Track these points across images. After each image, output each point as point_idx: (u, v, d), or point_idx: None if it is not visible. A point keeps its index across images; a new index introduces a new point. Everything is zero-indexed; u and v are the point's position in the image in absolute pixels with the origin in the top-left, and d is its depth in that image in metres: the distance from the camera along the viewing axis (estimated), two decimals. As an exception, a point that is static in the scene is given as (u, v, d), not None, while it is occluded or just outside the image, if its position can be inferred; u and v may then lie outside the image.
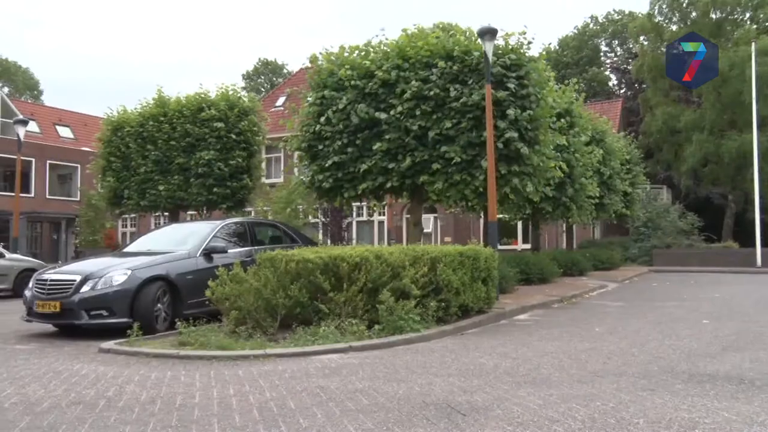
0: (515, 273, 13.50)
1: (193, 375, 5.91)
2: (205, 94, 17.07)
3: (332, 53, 13.23)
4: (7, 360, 6.93)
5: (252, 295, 7.74)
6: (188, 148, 16.58)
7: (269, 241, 11.46)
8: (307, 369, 6.09)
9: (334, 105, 12.77)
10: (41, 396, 5.16)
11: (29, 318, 8.93)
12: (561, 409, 4.55)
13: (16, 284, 15.38)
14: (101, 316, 8.39)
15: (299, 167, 14.66)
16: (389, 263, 8.03)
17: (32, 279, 9.26)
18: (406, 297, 7.92)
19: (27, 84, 65.95)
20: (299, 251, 8.38)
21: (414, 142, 12.09)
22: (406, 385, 5.34)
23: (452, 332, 8.31)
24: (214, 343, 7.13)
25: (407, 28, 12.69)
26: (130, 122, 17.51)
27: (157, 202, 17.09)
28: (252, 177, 16.95)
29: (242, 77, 67.36)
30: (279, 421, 4.33)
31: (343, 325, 7.52)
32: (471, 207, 13.27)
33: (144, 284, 8.56)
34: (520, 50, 12.12)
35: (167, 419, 4.43)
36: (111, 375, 5.95)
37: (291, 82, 35.84)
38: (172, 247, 9.83)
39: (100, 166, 18.26)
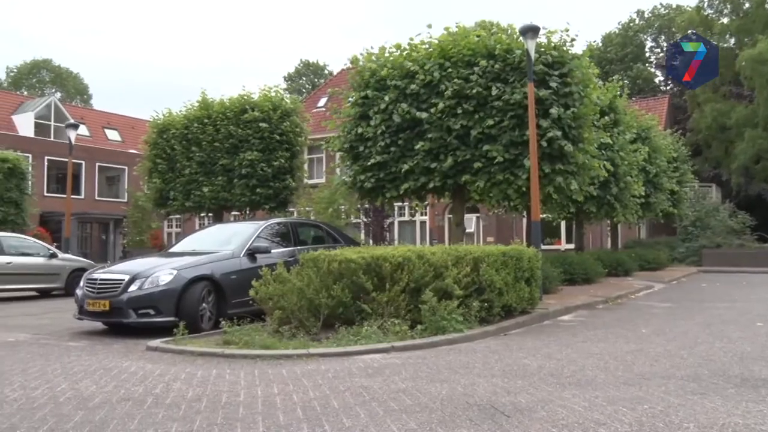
0: (559, 273, 13.33)
1: (237, 374, 5.98)
2: (248, 96, 17.24)
3: (373, 53, 13.25)
4: (60, 356, 7.13)
5: (295, 294, 7.80)
6: (232, 149, 16.78)
7: (312, 241, 11.54)
8: (350, 369, 6.11)
9: (375, 105, 12.78)
10: (93, 392, 5.29)
11: (80, 316, 9.17)
12: (607, 411, 4.47)
13: (68, 283, 15.82)
14: (148, 315, 8.57)
15: (341, 167, 14.72)
16: (432, 263, 8.01)
17: (83, 278, 9.50)
18: (449, 297, 7.89)
19: (77, 89, 67.81)
20: (342, 251, 8.42)
21: (456, 142, 12.02)
22: (449, 386, 5.31)
23: (495, 333, 8.24)
24: (258, 342, 7.21)
25: (449, 27, 12.64)
26: (175, 124, 17.81)
27: (202, 203, 17.36)
28: (295, 177, 17.07)
29: (284, 79, 68.06)
30: (323, 420, 4.36)
31: (385, 325, 7.52)
32: (514, 207, 13.15)
33: (189, 284, 8.70)
34: (563, 48, 11.95)
35: (213, 417, 4.49)
36: (158, 373, 6.07)
37: (332, 82, 36.04)
38: (216, 248, 9.98)
39: (146, 168, 18.62)
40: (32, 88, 63.15)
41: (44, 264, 15.94)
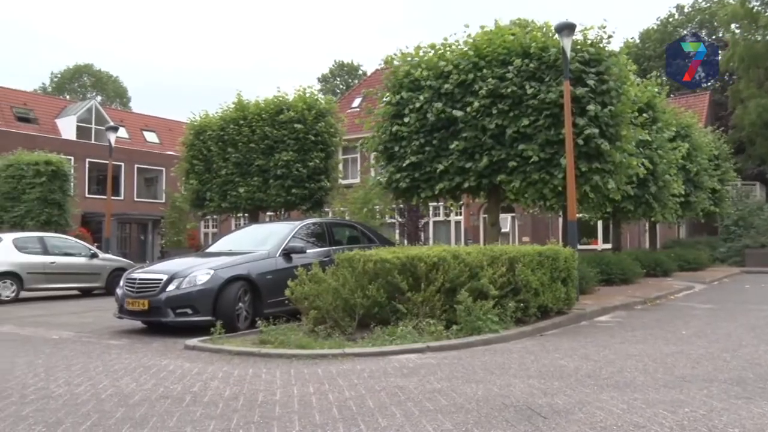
0: (595, 273, 13.16)
1: (273, 373, 6.03)
2: (283, 97, 17.35)
3: (408, 53, 13.23)
4: (102, 354, 7.29)
5: (330, 294, 7.83)
6: (267, 150, 16.92)
7: (347, 241, 11.58)
8: (386, 368, 6.11)
9: (410, 105, 12.77)
10: (133, 389, 5.39)
11: (120, 315, 9.35)
12: (647, 414, 4.39)
13: (109, 282, 16.16)
14: (186, 314, 8.69)
15: (376, 168, 14.73)
16: (467, 263, 7.97)
17: (123, 278, 9.67)
18: (484, 297, 7.84)
19: (117, 92, 69.22)
20: (377, 251, 8.43)
21: (491, 141, 11.94)
22: (485, 386, 5.28)
23: (531, 333, 8.17)
24: (293, 341, 7.26)
25: (484, 26, 12.56)
26: (211, 126, 18.02)
27: (238, 204, 17.53)
28: (329, 178, 17.12)
29: (318, 80, 68.51)
30: (358, 420, 4.36)
31: (420, 325, 7.51)
32: (549, 206, 13.00)
33: (226, 284, 8.80)
34: (600, 45, 11.78)
35: (250, 415, 4.53)
36: (196, 371, 6.15)
37: (367, 83, 36.12)
38: (252, 248, 10.07)
39: (183, 169, 18.87)
40: (74, 93, 64.67)
41: (86, 264, 16.31)
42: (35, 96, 46.05)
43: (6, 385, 5.61)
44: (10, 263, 15.01)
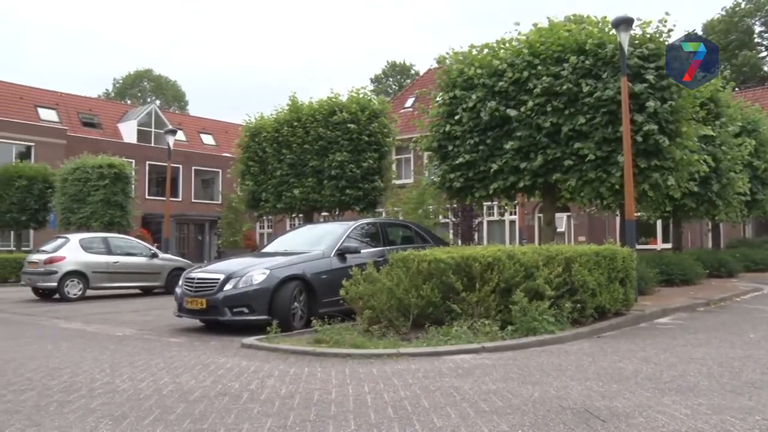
0: (655, 274, 12.82)
1: (329, 372, 6.07)
2: (336, 98, 17.45)
3: (461, 52, 13.16)
4: (162, 351, 7.48)
5: (385, 294, 7.84)
6: (321, 151, 17.05)
7: (401, 241, 11.58)
8: (440, 369, 6.09)
9: (463, 104, 12.70)
10: (192, 386, 5.52)
11: (180, 313, 9.56)
12: (713, 420, 4.24)
13: (168, 282, 16.61)
14: (242, 313, 8.83)
15: (429, 167, 14.69)
16: (522, 263, 7.87)
17: (182, 277, 9.89)
18: (540, 297, 7.73)
19: (175, 96, 71.06)
20: (431, 251, 8.40)
21: (546, 140, 11.77)
22: (541, 388, 5.20)
23: (588, 334, 8.01)
24: (348, 341, 7.30)
25: (538, 23, 12.39)
26: (266, 128, 18.26)
27: (293, 204, 17.72)
28: (383, 178, 17.13)
29: (371, 80, 68.81)
30: (413, 420, 4.36)
31: (475, 325, 7.46)
32: (606, 205, 12.72)
33: (281, 283, 8.91)
34: (659, 39, 11.47)
35: (305, 414, 4.58)
36: (252, 369, 6.25)
37: (419, 82, 36.08)
38: (307, 248, 10.17)
39: (239, 171, 19.17)
40: (135, 98, 66.67)
41: (146, 263, 16.79)
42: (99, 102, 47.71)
43: (75, 379, 5.84)
44: (77, 263, 15.60)
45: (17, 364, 6.75)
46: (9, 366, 6.62)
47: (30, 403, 4.97)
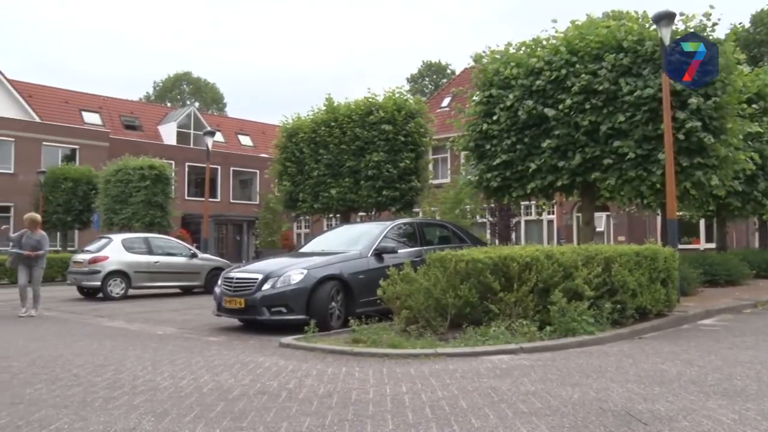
0: (698, 274, 12.55)
1: (366, 372, 6.08)
2: (373, 98, 17.47)
3: (497, 51, 13.07)
4: (202, 350, 7.59)
5: (422, 294, 7.83)
6: (358, 151, 17.10)
7: (438, 241, 11.55)
8: (478, 369, 6.05)
9: (500, 103, 12.61)
10: (232, 384, 5.58)
11: (219, 313, 9.68)
12: (762, 427, 4.11)
13: (207, 281, 16.85)
14: (280, 313, 8.90)
15: (466, 167, 14.62)
16: (561, 263, 7.79)
17: (221, 277, 10.00)
18: (579, 298, 7.64)
19: (214, 98, 72.07)
20: (468, 251, 8.35)
21: (584, 138, 11.61)
22: (581, 390, 5.13)
23: (629, 336, 7.88)
24: (385, 341, 7.31)
25: (575, 20, 12.23)
26: (303, 128, 18.38)
27: (330, 205, 17.80)
28: (420, 178, 17.10)
29: (407, 80, 68.78)
30: (451, 420, 4.34)
31: (513, 325, 7.40)
32: (647, 204, 12.52)
33: (319, 283, 8.96)
34: (703, 33, 11.22)
35: (344, 413, 4.60)
36: (291, 368, 6.30)
37: (456, 82, 35.95)
38: (344, 248, 10.20)
39: (276, 171, 19.34)
40: (174, 100, 67.85)
41: (186, 263, 17.06)
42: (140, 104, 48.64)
43: (119, 376, 5.96)
44: (119, 262, 15.93)
45: (64, 360, 6.93)
46: (57, 362, 6.80)
47: (77, 398, 5.09)
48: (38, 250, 12.03)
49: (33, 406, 4.86)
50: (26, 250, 11.93)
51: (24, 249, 11.94)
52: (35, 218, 12.37)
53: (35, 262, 12.09)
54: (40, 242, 12.11)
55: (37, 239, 12.10)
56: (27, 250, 11.93)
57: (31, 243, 12.02)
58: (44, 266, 12.47)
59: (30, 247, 11.97)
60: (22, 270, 12.07)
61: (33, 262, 12.06)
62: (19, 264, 12.07)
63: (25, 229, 12.18)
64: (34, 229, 12.18)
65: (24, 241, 12.02)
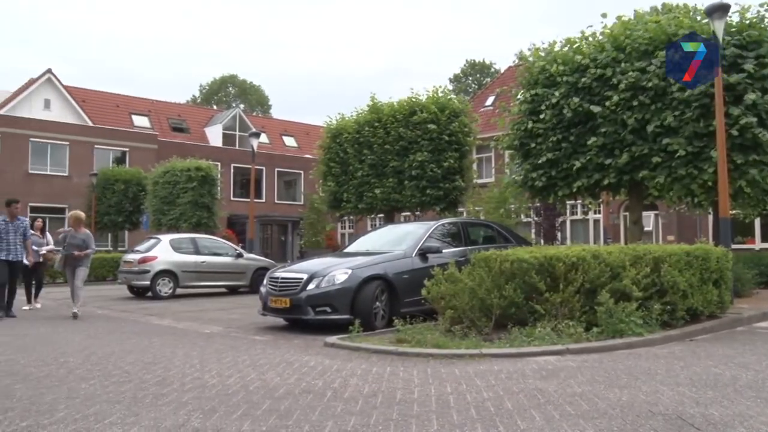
0: (753, 275, 12.21)
1: (411, 371, 6.08)
2: (416, 98, 17.45)
3: (542, 49, 12.92)
4: (248, 348, 7.69)
5: (467, 294, 7.79)
6: (402, 151, 17.09)
7: (482, 240, 11.47)
8: (524, 370, 5.99)
9: (546, 101, 12.45)
10: (277, 383, 5.64)
11: (264, 312, 9.79)
12: (820, 431, 3.98)
13: (253, 281, 17.08)
14: (325, 312, 8.96)
15: (511, 166, 14.49)
16: (608, 263, 7.65)
17: (266, 277, 10.12)
18: (627, 299, 7.49)
19: (258, 100, 72.99)
20: (513, 251, 8.28)
21: (631, 136, 11.38)
22: (629, 392, 5.03)
23: (679, 338, 7.70)
24: (430, 341, 7.28)
25: (622, 16, 12.00)
26: (347, 129, 18.46)
27: (374, 205, 17.84)
28: (464, 178, 17.02)
29: (450, 80, 68.52)
30: (497, 421, 4.30)
31: (559, 326, 7.30)
32: (698, 203, 12.19)
33: (363, 283, 8.98)
34: (760, 25, 10.85)
35: (388, 413, 4.60)
36: (335, 368, 6.33)
37: (500, 80, 35.66)
38: (388, 248, 10.21)
39: (321, 172, 19.47)
40: (220, 102, 68.96)
41: (232, 263, 17.32)
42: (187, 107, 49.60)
43: (168, 374, 6.09)
44: (167, 262, 16.27)
45: (116, 357, 7.10)
46: (110, 359, 6.98)
47: (128, 394, 5.21)
48: (84, 249, 11.77)
49: (88, 401, 5.00)
50: (71, 250, 11.69)
51: (69, 249, 11.72)
52: (79, 216, 12.11)
53: (80, 261, 11.81)
54: (85, 241, 11.83)
55: (82, 238, 11.83)
56: (72, 250, 11.69)
57: (76, 242, 11.76)
58: (89, 265, 12.17)
59: (75, 247, 11.71)
60: (69, 270, 11.92)
61: (78, 262, 11.79)
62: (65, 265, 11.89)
63: (69, 228, 11.90)
64: (78, 227, 11.93)
65: (68, 241, 11.79)
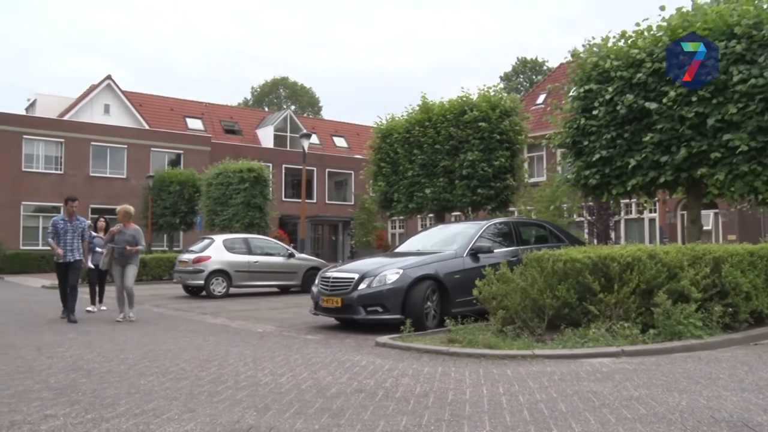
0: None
1: (462, 372, 6.04)
2: (467, 97, 17.31)
3: (595, 44, 12.64)
4: (300, 348, 7.77)
5: (519, 294, 7.70)
6: (452, 150, 16.99)
7: (534, 240, 11.33)
8: (577, 372, 5.88)
9: (599, 98, 12.19)
10: (329, 382, 5.68)
11: (316, 312, 9.88)
12: None
13: (304, 281, 17.27)
14: (376, 312, 8.99)
15: (563, 164, 14.23)
16: (665, 263, 7.46)
17: (318, 277, 10.21)
18: (685, 300, 7.27)
19: (309, 101, 73.76)
20: (566, 251, 8.15)
21: (690, 132, 11.03)
22: (689, 397, 4.88)
23: (742, 341, 7.43)
24: (481, 341, 7.23)
25: (681, 7, 11.64)
26: (397, 129, 18.45)
27: (424, 204, 17.79)
28: (515, 177, 16.81)
29: (500, 78, 67.92)
30: (550, 424, 4.24)
31: (614, 327, 7.15)
32: (762, 201, 11.75)
33: (414, 283, 8.98)
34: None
35: (440, 413, 4.58)
36: (387, 368, 6.34)
37: (552, 78, 35.16)
38: (439, 248, 10.18)
39: (371, 172, 19.51)
40: (271, 104, 69.98)
41: (284, 263, 17.54)
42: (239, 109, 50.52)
43: (222, 372, 6.20)
44: (221, 262, 16.58)
45: (173, 354, 7.27)
46: (166, 356, 7.15)
47: (185, 391, 5.33)
48: (135, 246, 10.95)
49: (147, 396, 5.14)
50: (121, 247, 10.90)
51: (118, 246, 10.95)
52: (129, 210, 11.28)
53: (130, 259, 10.98)
54: (135, 237, 11.02)
55: (132, 234, 11.03)
56: (122, 247, 10.90)
57: (125, 238, 10.93)
58: (138, 264, 11.35)
59: (125, 243, 10.90)
60: (116, 269, 11.03)
61: (127, 260, 10.95)
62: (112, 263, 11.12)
63: (118, 225, 11.19)
64: (128, 222, 11.16)
65: (117, 237, 11.00)
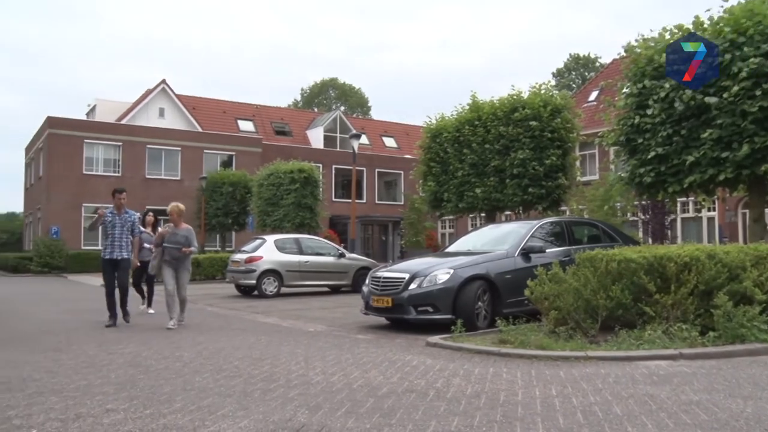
0: None
1: (514, 373, 5.97)
2: (518, 95, 17.09)
3: (650, 39, 12.33)
4: (351, 348, 7.81)
5: (571, 295, 7.57)
6: (502, 149, 16.82)
7: (587, 240, 11.13)
8: (633, 374, 5.75)
9: (654, 94, 11.88)
10: (380, 382, 5.69)
11: (366, 311, 9.91)
12: None
13: (354, 280, 17.35)
14: (427, 312, 8.96)
15: (616, 163, 13.93)
16: (725, 263, 7.21)
17: (368, 277, 10.24)
18: (748, 302, 7.02)
19: (359, 102, 74.16)
20: (620, 250, 7.97)
21: (753, 127, 10.64)
22: (754, 403, 4.71)
23: (811, 345, 7.14)
24: (533, 342, 7.14)
25: (745, -4, 11.23)
26: (447, 128, 18.35)
27: (474, 204, 17.65)
28: (567, 175, 16.53)
29: (552, 75, 67.02)
30: (605, 427, 4.15)
31: (671, 329, 6.96)
32: (829, 198, 11.25)
33: (465, 283, 8.92)
34: None
35: (492, 414, 4.53)
36: (438, 368, 6.32)
37: (604, 74, 34.48)
38: (490, 248, 10.09)
39: (421, 172, 19.46)
40: (321, 105, 70.60)
41: (334, 263, 17.66)
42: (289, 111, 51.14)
43: (274, 370, 6.28)
44: (272, 262, 16.80)
45: (226, 353, 7.40)
46: (220, 354, 7.28)
47: (238, 389, 5.41)
48: (188, 247, 10.12)
49: (202, 393, 5.24)
50: (173, 249, 10.08)
51: (170, 247, 10.10)
52: (181, 208, 10.40)
53: (183, 262, 10.23)
54: (188, 238, 10.18)
55: (184, 234, 10.19)
56: (174, 249, 10.08)
57: (177, 239, 10.10)
58: (190, 267, 10.56)
59: (177, 245, 10.07)
60: (168, 272, 10.13)
61: (180, 262, 10.19)
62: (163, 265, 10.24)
63: (169, 225, 10.37)
64: (179, 222, 10.33)
65: (168, 239, 10.14)
